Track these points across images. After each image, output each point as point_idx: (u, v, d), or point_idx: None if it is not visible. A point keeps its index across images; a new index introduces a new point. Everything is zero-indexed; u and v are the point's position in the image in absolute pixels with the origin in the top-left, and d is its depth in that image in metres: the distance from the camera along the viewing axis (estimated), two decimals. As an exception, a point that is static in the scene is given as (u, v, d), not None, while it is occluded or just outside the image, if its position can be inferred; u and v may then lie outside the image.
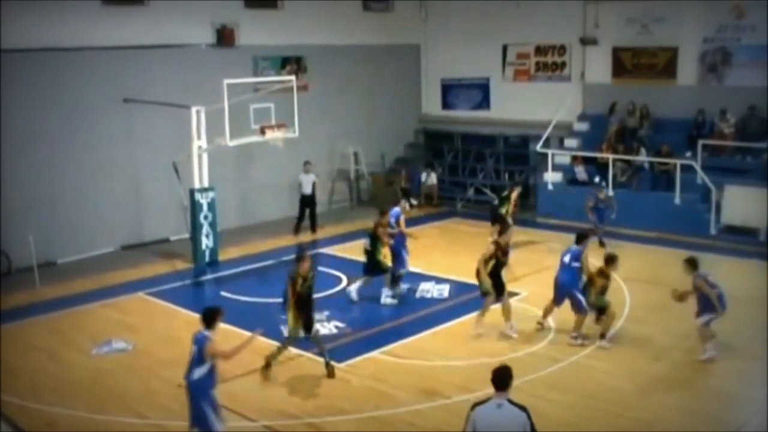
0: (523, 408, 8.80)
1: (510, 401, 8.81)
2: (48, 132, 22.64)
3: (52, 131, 22.71)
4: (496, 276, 16.59)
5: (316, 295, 18.88)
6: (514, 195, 22.93)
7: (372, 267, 18.96)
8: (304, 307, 14.63)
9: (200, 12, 25.53)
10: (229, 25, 26.30)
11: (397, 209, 19.68)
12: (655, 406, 13.34)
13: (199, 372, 11.19)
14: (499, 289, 16.63)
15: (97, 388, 14.54)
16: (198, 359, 11.22)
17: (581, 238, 16.60)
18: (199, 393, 11.20)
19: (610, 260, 16.06)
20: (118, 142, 24.10)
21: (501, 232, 17.67)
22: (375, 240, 18.81)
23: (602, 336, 15.83)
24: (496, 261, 16.54)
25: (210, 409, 11.21)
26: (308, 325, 14.73)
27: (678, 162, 24.65)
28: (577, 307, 15.95)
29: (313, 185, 25.84)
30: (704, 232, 23.52)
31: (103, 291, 20.30)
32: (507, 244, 17.55)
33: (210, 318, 11.46)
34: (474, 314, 17.16)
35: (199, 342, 11.27)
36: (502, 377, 8.86)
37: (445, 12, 32.22)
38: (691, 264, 15.06)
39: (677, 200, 24.37)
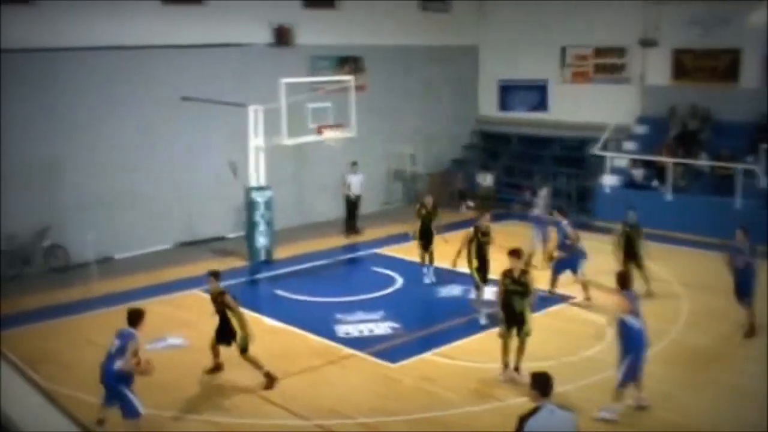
0: (570, 410, 8.69)
1: (557, 405, 8.50)
2: (107, 130, 22.90)
3: (111, 129, 22.96)
4: (482, 258, 17.76)
5: (368, 296, 19.09)
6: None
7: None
8: None
9: (258, 12, 25.64)
10: (287, 25, 26.37)
11: (563, 221, 19.34)
12: (711, 413, 13.11)
13: (118, 363, 11.96)
14: (484, 272, 17.77)
15: (151, 383, 14.57)
16: (118, 352, 12.08)
17: None
18: (117, 380, 12.04)
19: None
20: (176, 140, 24.29)
21: (480, 216, 19.02)
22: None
23: None
24: (478, 243, 17.73)
25: (127, 390, 12.09)
26: None
27: (739, 166, 24.24)
28: None
29: (360, 186, 25.87)
30: (766, 239, 23.02)
31: (158, 287, 20.45)
32: (487, 226, 18.40)
33: (135, 318, 12.55)
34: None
35: (124, 338, 12.19)
36: (547, 383, 8.47)
37: (503, 13, 32.07)
38: None
39: (738, 205, 23.94)
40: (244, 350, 14.31)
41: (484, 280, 17.71)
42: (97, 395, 13.91)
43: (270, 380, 14.35)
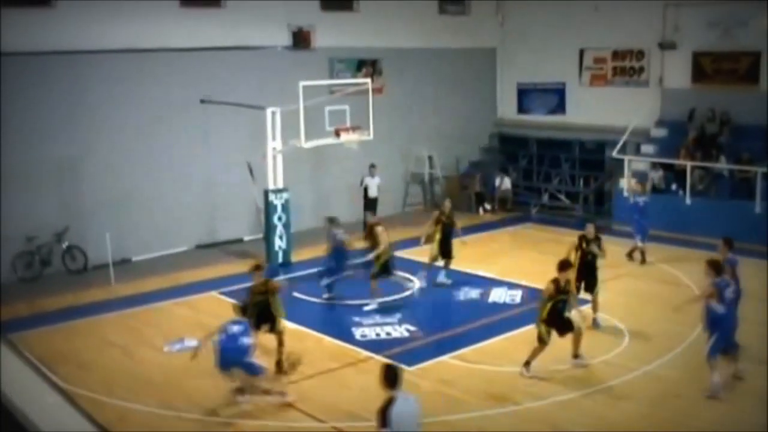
0: (411, 394, 9.34)
1: (404, 392, 9.13)
2: (125, 132, 23.01)
3: (129, 131, 23.07)
4: (445, 239, 20.12)
5: (388, 298, 19.08)
6: None
7: None
8: None
9: (276, 14, 25.70)
10: (306, 28, 26.42)
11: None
12: (732, 421, 13.02)
13: (249, 340, 13.54)
14: (446, 253, 20.11)
15: (169, 384, 14.67)
16: (245, 333, 13.53)
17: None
18: (245, 353, 13.46)
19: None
20: (194, 142, 24.38)
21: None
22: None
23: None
24: (443, 225, 20.05)
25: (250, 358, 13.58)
26: None
27: (759, 170, 24.09)
28: None
29: (377, 188, 25.87)
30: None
31: (176, 289, 20.54)
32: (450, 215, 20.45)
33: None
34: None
35: (244, 323, 13.67)
36: (396, 375, 9.05)
37: (522, 15, 32.03)
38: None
39: (758, 209, 23.80)
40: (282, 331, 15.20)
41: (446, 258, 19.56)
42: (115, 396, 14.03)
43: (280, 368, 14.82)
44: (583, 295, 17.25)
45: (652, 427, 12.80)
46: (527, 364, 14.74)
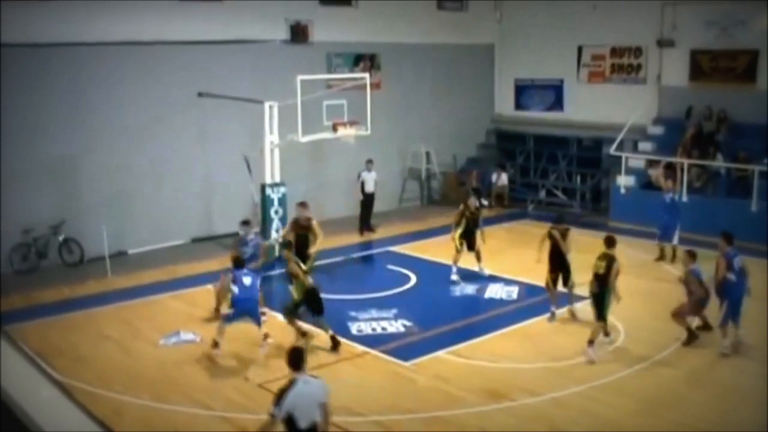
0: (317, 376, 9.81)
1: (310, 375, 9.61)
2: (123, 125, 22.95)
3: (127, 125, 23.02)
4: (469, 233, 20.46)
5: (385, 293, 19.09)
6: None
7: None
8: None
9: (275, 8, 25.66)
10: (304, 22, 26.38)
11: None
12: (732, 421, 13.03)
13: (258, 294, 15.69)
14: (471, 245, 20.52)
15: (164, 378, 14.67)
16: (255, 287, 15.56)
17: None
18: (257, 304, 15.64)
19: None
20: (191, 136, 24.37)
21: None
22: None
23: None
24: (467, 221, 20.42)
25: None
26: None
27: (755, 168, 24.12)
28: None
29: (374, 183, 25.89)
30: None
31: (172, 282, 20.53)
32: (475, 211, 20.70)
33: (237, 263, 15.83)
34: (543, 316, 17.42)
35: (254, 276, 15.62)
36: (298, 358, 9.48)
37: (520, 12, 32.01)
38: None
39: (754, 207, 23.83)
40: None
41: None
42: (111, 390, 14.02)
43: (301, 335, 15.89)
44: (561, 288, 17.73)
45: (648, 425, 12.80)
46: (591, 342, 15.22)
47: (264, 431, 9.31)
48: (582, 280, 16.99)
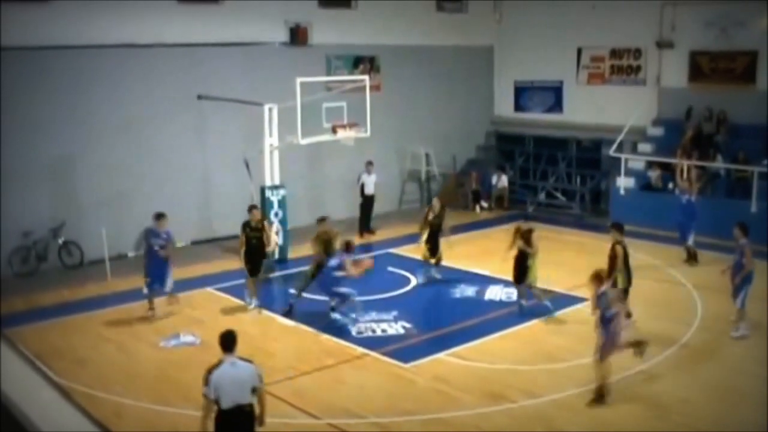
0: (250, 360, 10.28)
1: (240, 358, 10.17)
2: (123, 128, 22.96)
3: (126, 127, 23.03)
4: (432, 238, 20.39)
5: (384, 295, 19.10)
6: None
7: None
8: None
9: (274, 11, 25.69)
10: (303, 24, 26.40)
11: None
12: (732, 421, 13.03)
13: (342, 272, 17.29)
14: (433, 251, 20.53)
15: (164, 380, 14.67)
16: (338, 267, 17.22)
17: None
18: (338, 284, 17.39)
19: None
20: (191, 138, 24.39)
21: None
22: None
23: None
24: (431, 225, 20.46)
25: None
26: None
27: (755, 169, 24.12)
28: None
29: (374, 185, 25.90)
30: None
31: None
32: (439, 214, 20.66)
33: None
34: (542, 318, 17.55)
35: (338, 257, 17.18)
36: (229, 340, 10.21)
37: (520, 14, 32.02)
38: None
39: (753, 208, 23.81)
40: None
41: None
42: (111, 392, 14.02)
43: None
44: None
45: (648, 426, 12.81)
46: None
47: (203, 412, 10.11)
48: (578, 282, 16.98)
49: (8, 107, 20.88)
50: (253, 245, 18.72)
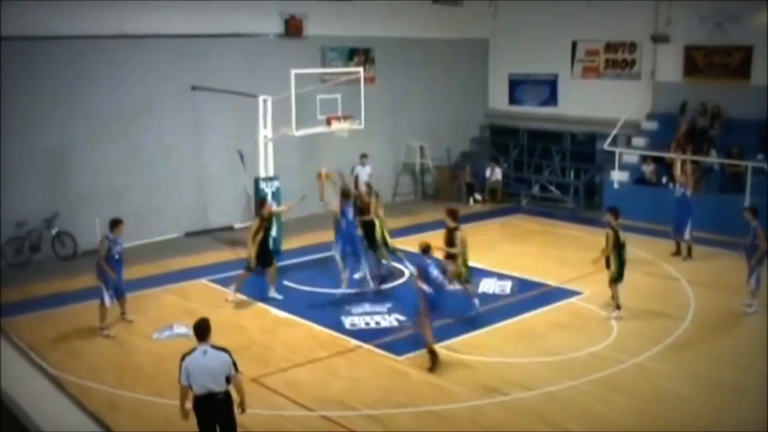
0: (224, 350, 10.49)
1: (212, 347, 10.44)
2: (115, 118, 22.90)
3: (119, 118, 22.97)
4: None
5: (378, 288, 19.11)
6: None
7: None
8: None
9: (269, 2, 25.66)
10: (298, 16, 26.37)
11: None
12: (718, 413, 13.08)
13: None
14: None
15: (157, 371, 14.64)
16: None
17: None
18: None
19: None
20: (185, 129, 24.34)
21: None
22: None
23: None
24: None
25: None
26: None
27: (749, 164, 24.15)
28: None
29: (368, 177, 25.86)
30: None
31: (166, 276, 20.49)
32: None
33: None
34: (536, 311, 17.51)
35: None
36: (202, 329, 10.53)
37: (515, 7, 32.05)
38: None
39: (747, 203, 23.80)
40: None
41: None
42: (105, 383, 14.02)
43: None
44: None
45: (642, 421, 12.83)
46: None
47: (180, 396, 10.51)
48: (571, 275, 16.99)
49: (1, 97, 20.79)
50: (266, 237, 18.98)
